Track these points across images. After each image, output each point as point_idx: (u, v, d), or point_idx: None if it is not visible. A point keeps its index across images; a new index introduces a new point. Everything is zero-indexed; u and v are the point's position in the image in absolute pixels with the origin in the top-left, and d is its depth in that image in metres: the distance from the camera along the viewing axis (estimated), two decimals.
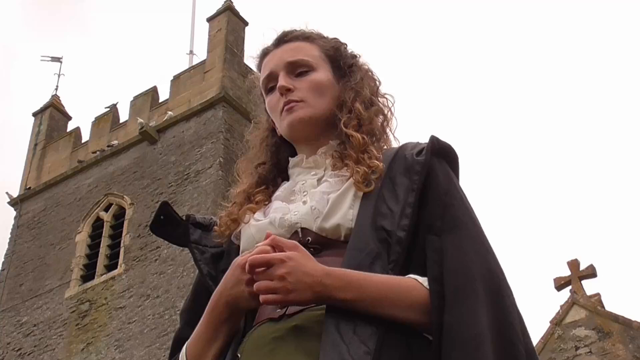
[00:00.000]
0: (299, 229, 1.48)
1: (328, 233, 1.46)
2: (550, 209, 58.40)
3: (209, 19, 18.85)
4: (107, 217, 17.00)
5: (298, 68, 1.62)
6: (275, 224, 1.50)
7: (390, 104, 1.68)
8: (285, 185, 1.62)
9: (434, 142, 1.52)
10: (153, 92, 18.61)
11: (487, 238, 1.45)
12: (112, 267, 16.07)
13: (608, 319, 12.87)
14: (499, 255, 1.44)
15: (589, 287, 13.77)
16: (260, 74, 1.68)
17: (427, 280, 1.37)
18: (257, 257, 1.33)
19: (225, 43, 17.84)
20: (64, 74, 26.43)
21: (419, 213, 1.43)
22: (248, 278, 1.34)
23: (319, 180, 1.56)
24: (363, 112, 1.59)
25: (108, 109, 19.28)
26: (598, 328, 12.81)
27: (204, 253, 1.58)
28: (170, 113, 17.35)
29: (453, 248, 1.38)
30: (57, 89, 21.19)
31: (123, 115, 18.92)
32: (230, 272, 1.39)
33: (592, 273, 13.80)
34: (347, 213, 1.46)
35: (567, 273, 13.88)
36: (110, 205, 17.16)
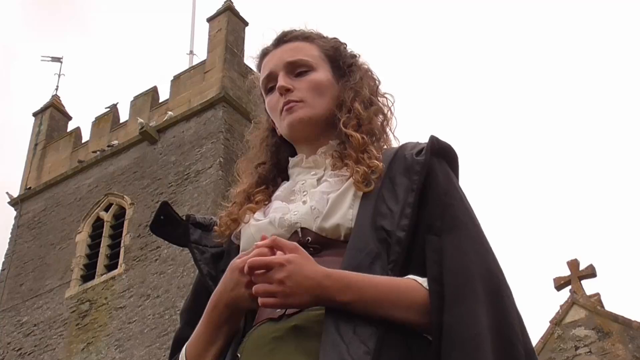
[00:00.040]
0: (299, 229, 1.48)
1: (328, 233, 1.45)
2: (550, 209, 58.41)
3: (209, 19, 18.85)
4: (107, 217, 17.00)
5: (297, 68, 1.62)
6: (275, 224, 1.50)
7: (390, 104, 1.67)
8: (285, 185, 1.62)
9: (434, 142, 1.52)
10: (153, 92, 18.61)
11: (486, 238, 1.45)
12: (112, 267, 16.07)
13: (608, 319, 12.87)
14: (499, 255, 1.44)
15: (589, 287, 13.80)
16: (260, 74, 1.68)
17: (426, 281, 1.36)
18: (256, 259, 1.32)
19: (226, 43, 17.84)
20: (64, 74, 26.46)
21: (419, 213, 1.42)
22: (247, 280, 1.34)
23: (319, 180, 1.56)
24: (362, 111, 1.59)
25: (108, 109, 19.29)
26: (598, 328, 12.81)
27: (204, 253, 1.58)
28: (171, 113, 17.36)
29: (453, 248, 1.38)
30: (57, 89, 21.22)
31: (123, 115, 18.93)
32: (229, 274, 1.38)
33: (591, 273, 13.80)
34: (346, 213, 1.45)
35: (566, 273, 13.88)
36: (111, 205, 17.16)
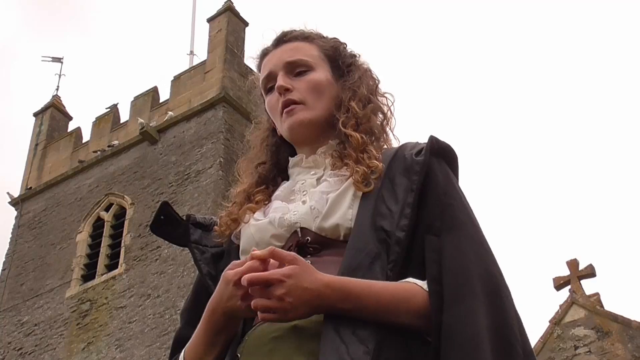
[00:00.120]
0: (299, 229, 1.48)
1: (327, 233, 1.45)
2: (550, 209, 58.38)
3: (210, 20, 18.85)
4: (107, 217, 17.00)
5: (297, 68, 1.62)
6: (275, 224, 1.50)
7: (390, 103, 1.67)
8: (285, 185, 1.62)
9: (433, 142, 1.52)
10: (153, 92, 18.61)
11: (485, 238, 1.44)
12: (112, 266, 16.07)
13: (607, 319, 12.86)
14: (499, 255, 1.44)
15: (588, 286, 13.80)
16: (260, 74, 1.68)
17: (426, 283, 1.36)
18: (254, 276, 1.29)
19: (226, 43, 17.84)
20: (65, 74, 26.46)
21: (418, 213, 1.42)
22: (242, 293, 1.32)
23: (319, 180, 1.56)
24: (359, 110, 1.58)
25: (109, 109, 19.29)
26: (597, 327, 12.81)
27: (204, 253, 1.58)
28: (171, 113, 17.36)
29: (452, 248, 1.38)
30: (57, 89, 21.23)
31: (124, 116, 18.94)
32: (223, 285, 1.36)
33: (591, 273, 13.80)
34: (346, 213, 1.45)
35: (566, 273, 13.88)
36: (111, 205, 17.16)
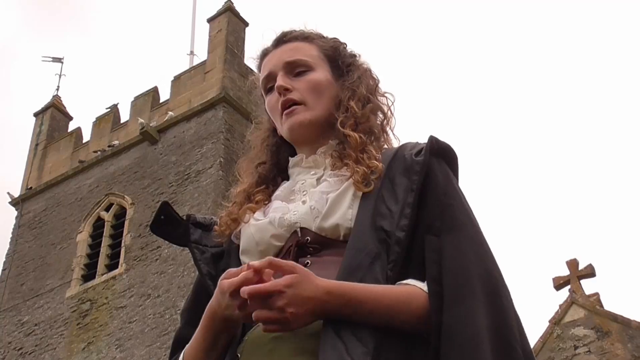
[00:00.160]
0: (298, 229, 1.48)
1: (327, 233, 1.46)
2: (550, 209, 58.38)
3: (210, 20, 18.86)
4: (108, 216, 17.01)
5: (296, 68, 1.62)
6: (275, 224, 1.50)
7: (390, 103, 1.67)
8: (285, 185, 1.62)
9: (433, 142, 1.52)
10: (154, 92, 18.62)
11: (485, 239, 1.44)
12: (113, 266, 16.08)
13: (607, 319, 12.88)
14: (498, 255, 1.44)
15: (588, 286, 13.82)
16: (260, 75, 1.68)
17: (426, 285, 1.36)
18: (254, 289, 1.27)
19: (226, 44, 17.85)
20: (65, 75, 26.47)
21: (418, 213, 1.42)
22: (239, 303, 1.30)
23: (319, 180, 1.56)
24: (358, 110, 1.58)
25: (109, 109, 19.30)
26: (597, 327, 12.82)
27: (204, 253, 1.57)
28: (171, 113, 17.37)
29: (452, 248, 1.38)
30: (58, 89, 21.24)
31: (124, 116, 18.95)
32: (219, 295, 1.35)
33: (591, 273, 13.82)
34: (346, 213, 1.45)
35: (566, 272, 13.90)
36: (111, 205, 17.17)
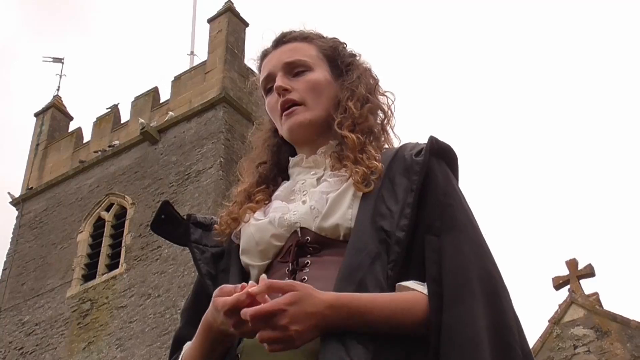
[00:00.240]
0: (298, 229, 1.48)
1: (327, 232, 1.46)
2: (549, 209, 58.38)
3: (210, 20, 18.87)
4: (108, 216, 17.02)
5: (295, 68, 1.62)
6: (275, 224, 1.51)
7: (390, 102, 1.67)
8: (285, 185, 1.62)
9: (433, 142, 1.52)
10: (154, 92, 18.64)
11: (484, 239, 1.45)
12: (113, 266, 16.09)
13: (606, 318, 12.89)
14: (498, 255, 1.45)
15: (587, 286, 13.84)
16: (260, 76, 1.69)
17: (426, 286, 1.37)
18: (257, 310, 1.25)
19: (226, 44, 17.86)
20: (66, 75, 26.50)
21: (418, 213, 1.42)
22: (233, 322, 1.29)
23: (319, 180, 1.56)
24: (356, 110, 1.58)
25: (109, 110, 19.31)
26: (596, 327, 12.84)
27: (204, 252, 1.58)
28: (171, 113, 17.38)
29: (452, 249, 1.38)
30: (58, 90, 21.26)
31: (124, 116, 18.97)
32: (214, 312, 1.34)
33: (590, 272, 13.83)
34: (346, 213, 1.45)
35: (565, 272, 13.91)
36: (112, 205, 17.18)
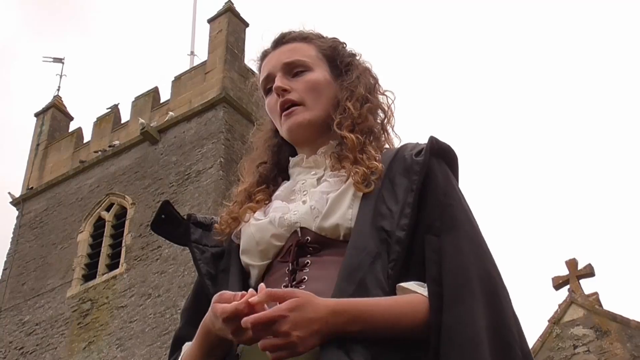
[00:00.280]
0: (298, 229, 1.49)
1: (327, 232, 1.46)
2: (549, 209, 58.39)
3: (210, 20, 18.88)
4: (108, 216, 17.04)
5: (295, 68, 1.62)
6: (275, 223, 1.51)
7: (390, 101, 1.67)
8: (286, 185, 1.62)
9: (433, 142, 1.52)
10: (154, 92, 18.65)
11: (484, 239, 1.45)
12: (113, 266, 16.10)
13: (606, 318, 12.91)
14: (498, 255, 1.45)
15: (587, 286, 13.86)
16: (260, 76, 1.69)
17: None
18: (258, 318, 1.24)
19: (226, 44, 17.87)
20: (66, 75, 26.51)
21: (418, 213, 1.43)
22: (232, 329, 1.28)
23: (319, 180, 1.57)
24: (355, 110, 1.58)
25: (109, 110, 19.33)
26: (596, 327, 12.85)
27: (204, 252, 1.58)
28: (172, 113, 17.39)
29: (452, 249, 1.39)
30: (59, 90, 21.28)
31: (124, 116, 18.99)
32: (213, 318, 1.33)
33: (590, 272, 13.85)
34: (346, 213, 1.46)
35: (565, 272, 13.93)
36: (112, 205, 17.19)
